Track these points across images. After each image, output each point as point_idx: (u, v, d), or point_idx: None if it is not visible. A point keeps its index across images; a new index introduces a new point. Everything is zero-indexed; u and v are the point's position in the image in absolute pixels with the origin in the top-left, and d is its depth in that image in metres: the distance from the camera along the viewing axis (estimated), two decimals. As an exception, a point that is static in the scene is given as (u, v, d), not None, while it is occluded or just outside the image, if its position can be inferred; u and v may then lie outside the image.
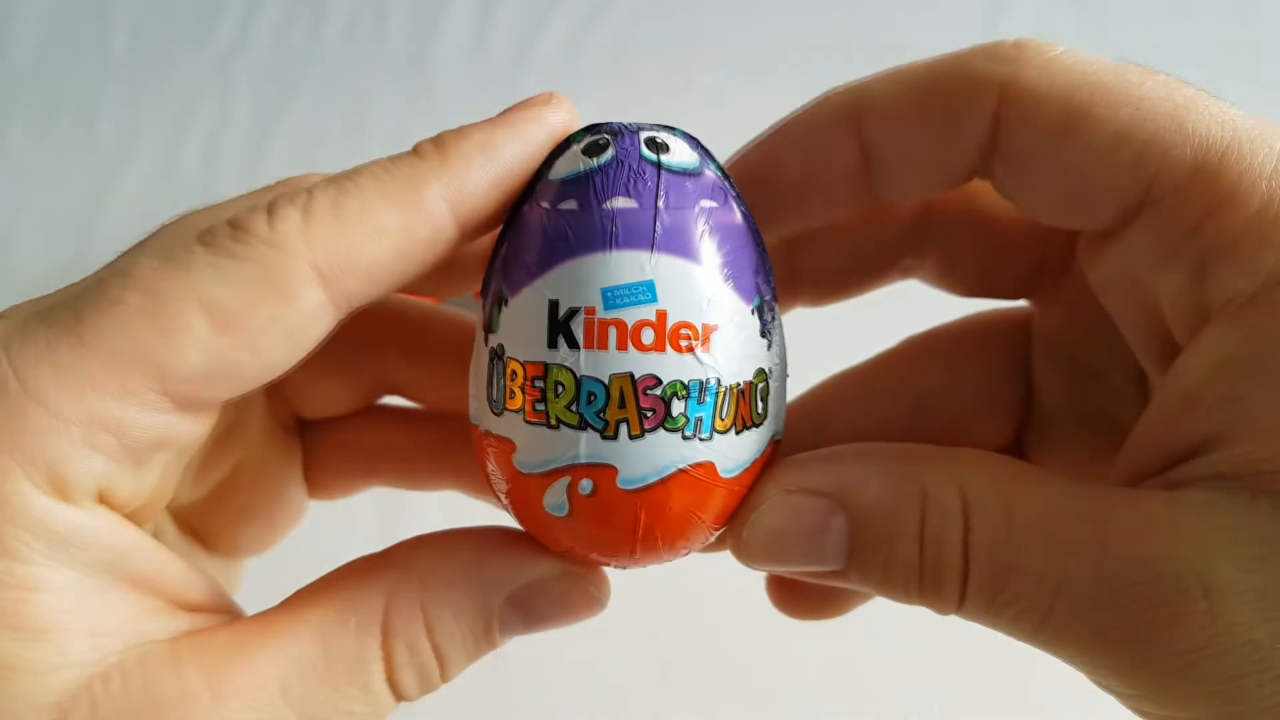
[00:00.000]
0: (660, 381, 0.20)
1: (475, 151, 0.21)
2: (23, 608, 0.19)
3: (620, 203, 0.20)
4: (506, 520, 0.23)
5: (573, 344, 0.20)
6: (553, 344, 0.20)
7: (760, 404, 0.22)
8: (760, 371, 0.21)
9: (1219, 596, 0.18)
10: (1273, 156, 0.19)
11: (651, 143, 0.21)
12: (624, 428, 0.20)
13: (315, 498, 0.31)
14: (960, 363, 0.29)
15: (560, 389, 0.20)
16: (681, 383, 0.20)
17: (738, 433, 0.21)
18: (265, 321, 0.20)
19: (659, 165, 0.21)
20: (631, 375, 0.20)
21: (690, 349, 0.20)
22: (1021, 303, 0.29)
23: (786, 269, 0.27)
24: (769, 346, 0.22)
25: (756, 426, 0.22)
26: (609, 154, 0.21)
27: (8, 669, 0.19)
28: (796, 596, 0.29)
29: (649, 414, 0.20)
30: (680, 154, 0.21)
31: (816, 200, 0.24)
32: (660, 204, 0.21)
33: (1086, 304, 0.25)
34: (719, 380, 0.21)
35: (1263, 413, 0.19)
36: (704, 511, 0.21)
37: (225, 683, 0.20)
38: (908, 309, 0.30)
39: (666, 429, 0.20)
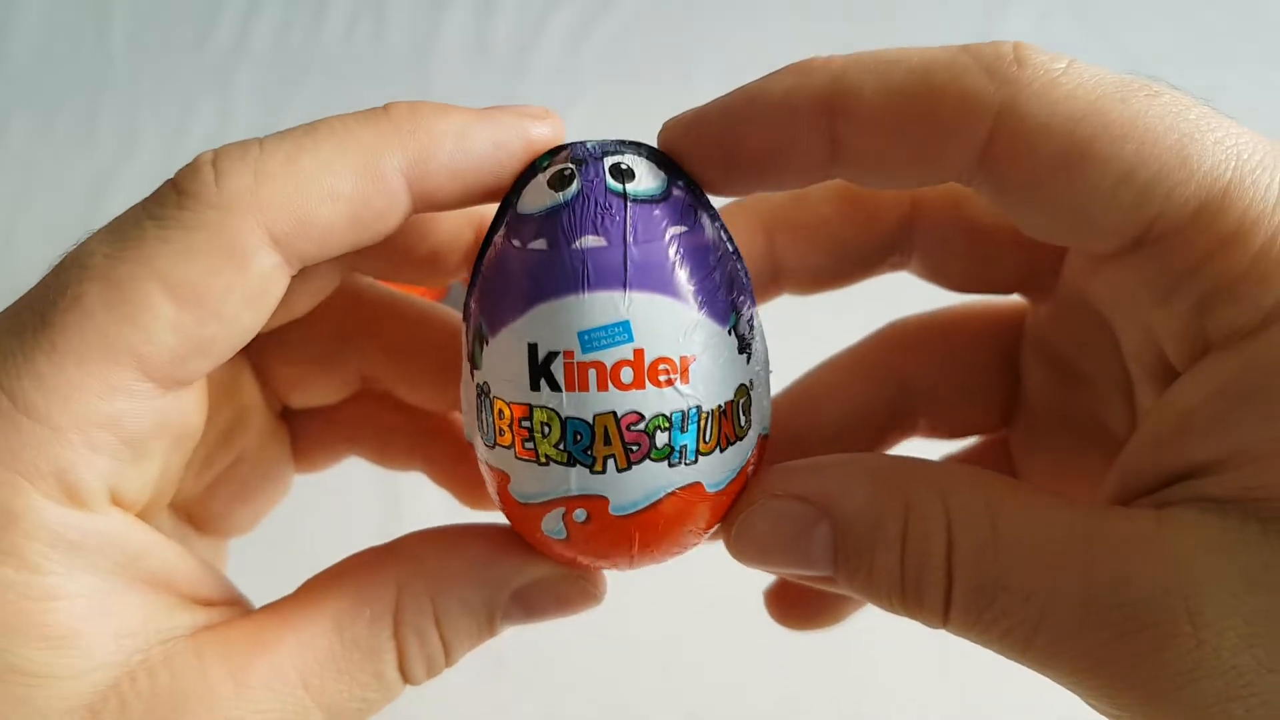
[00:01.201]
0: (643, 417, 0.20)
1: (448, 136, 0.21)
2: (47, 617, 0.19)
3: (590, 241, 0.20)
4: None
5: (554, 387, 0.20)
6: (535, 386, 0.20)
7: (743, 418, 0.22)
8: (741, 388, 0.22)
9: (1205, 621, 0.18)
10: (1274, 189, 0.19)
11: (616, 170, 0.21)
12: (611, 462, 0.20)
13: (300, 471, 0.31)
14: (946, 349, 0.29)
15: (547, 430, 0.20)
16: (664, 415, 0.20)
17: (721, 450, 0.21)
18: (224, 291, 0.20)
19: (625, 195, 0.21)
20: (614, 414, 0.20)
21: (670, 382, 0.20)
22: (1015, 296, 0.28)
23: (771, 268, 0.27)
24: (748, 360, 0.22)
25: (740, 440, 0.22)
26: (574, 187, 0.21)
27: (38, 677, 0.19)
28: (791, 608, 0.29)
29: (634, 448, 0.20)
30: (646, 178, 0.21)
31: (775, 175, 0.23)
32: (629, 239, 0.20)
33: (1075, 310, 0.25)
34: (699, 407, 0.21)
35: (1258, 440, 0.19)
36: (695, 522, 0.22)
37: (248, 675, 0.20)
38: (902, 298, 0.30)
39: (652, 459, 0.20)
